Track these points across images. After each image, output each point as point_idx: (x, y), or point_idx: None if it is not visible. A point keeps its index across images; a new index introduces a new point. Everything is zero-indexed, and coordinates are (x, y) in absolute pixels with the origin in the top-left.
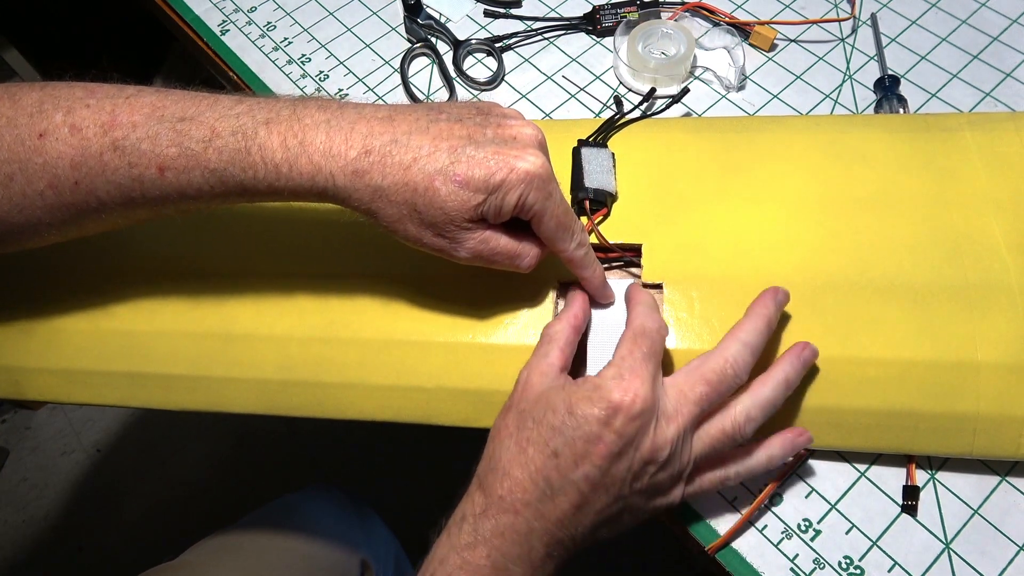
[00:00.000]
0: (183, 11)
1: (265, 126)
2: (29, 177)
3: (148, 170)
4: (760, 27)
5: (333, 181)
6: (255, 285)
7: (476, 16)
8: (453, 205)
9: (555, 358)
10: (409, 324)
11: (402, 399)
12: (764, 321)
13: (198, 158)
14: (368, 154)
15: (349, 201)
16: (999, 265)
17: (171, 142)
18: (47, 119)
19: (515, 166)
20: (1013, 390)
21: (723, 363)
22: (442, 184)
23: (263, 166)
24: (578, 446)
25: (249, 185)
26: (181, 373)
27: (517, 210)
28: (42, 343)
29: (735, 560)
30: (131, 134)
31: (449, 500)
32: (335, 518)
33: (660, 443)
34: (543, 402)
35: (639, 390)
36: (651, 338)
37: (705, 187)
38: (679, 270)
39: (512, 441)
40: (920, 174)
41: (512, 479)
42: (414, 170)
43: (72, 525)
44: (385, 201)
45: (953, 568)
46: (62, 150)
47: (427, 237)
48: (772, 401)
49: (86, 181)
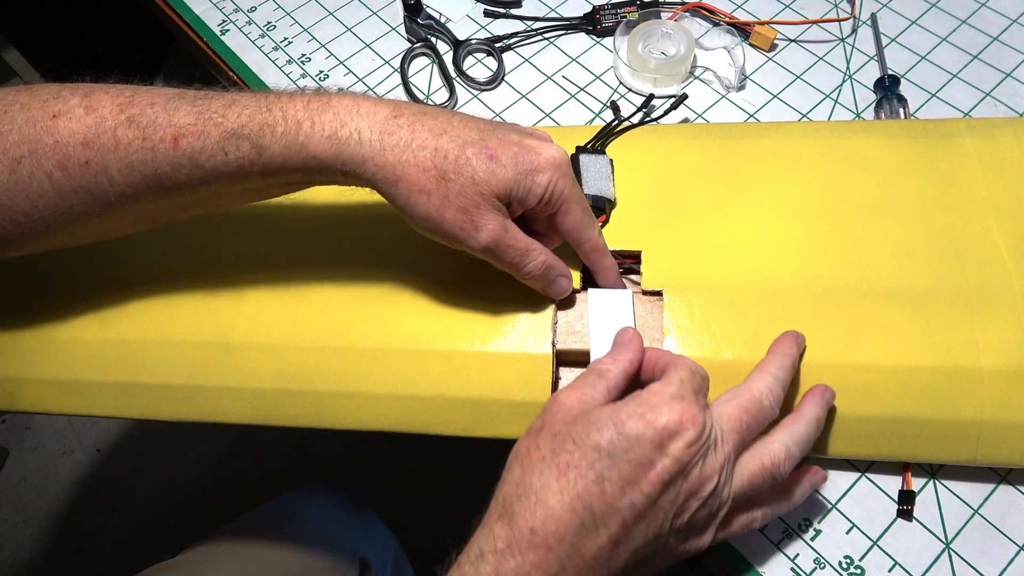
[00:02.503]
0: (183, 11)
1: (290, 97)
2: (39, 158)
3: (163, 142)
4: (760, 27)
5: (359, 136)
6: (251, 294)
7: (476, 16)
8: (483, 176)
9: (600, 394)
10: (407, 332)
11: (400, 408)
12: (790, 360)
13: (216, 122)
14: (397, 117)
15: (370, 163)
16: (1000, 270)
17: (188, 112)
18: (63, 102)
19: (544, 151)
20: (1016, 397)
21: (758, 393)
22: (474, 155)
23: (283, 123)
24: (627, 470)
25: (263, 144)
26: (176, 383)
27: (545, 195)
28: (34, 353)
29: (735, 559)
30: (147, 110)
31: (447, 499)
32: (334, 517)
33: (708, 473)
34: (584, 421)
35: (697, 415)
36: (705, 380)
37: (704, 193)
38: (679, 277)
39: (547, 465)
40: (920, 179)
41: (547, 508)
42: (445, 137)
43: (72, 525)
44: (412, 166)
45: (953, 568)
46: (75, 128)
47: (448, 213)
48: (808, 439)
49: (97, 159)
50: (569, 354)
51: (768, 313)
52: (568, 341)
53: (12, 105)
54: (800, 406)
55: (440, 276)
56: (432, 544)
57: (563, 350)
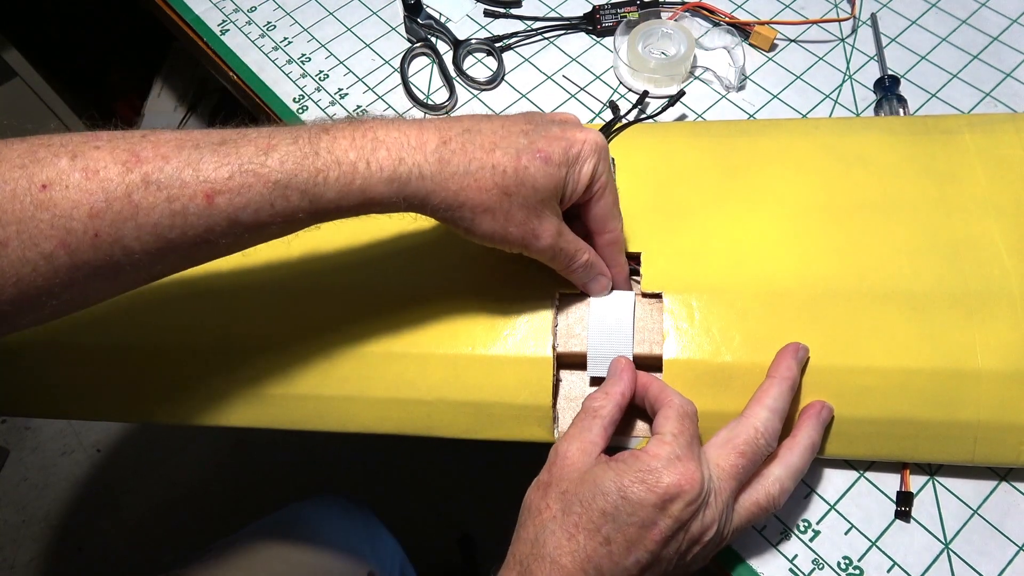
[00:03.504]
0: (183, 11)
1: (326, 132)
2: (32, 238)
3: (193, 200)
4: (760, 27)
5: (419, 171)
6: (253, 298)
7: (476, 16)
8: (543, 182)
9: (598, 435)
10: (409, 336)
11: (402, 412)
12: (788, 384)
13: (256, 173)
14: (447, 143)
15: (434, 195)
16: (999, 271)
17: (219, 164)
18: (48, 167)
19: (585, 137)
20: (1014, 397)
21: (754, 433)
22: (529, 162)
23: (336, 167)
24: (632, 532)
25: (318, 193)
26: (180, 387)
27: (589, 183)
28: (38, 359)
29: (734, 560)
30: (164, 166)
31: (452, 506)
32: (342, 529)
33: (708, 523)
34: (589, 483)
35: (695, 474)
36: (694, 421)
37: (704, 193)
38: (678, 278)
39: (557, 525)
40: (920, 178)
41: (561, 568)
42: (498, 152)
43: (72, 525)
44: (474, 189)
45: (952, 568)
46: (76, 198)
47: (512, 227)
48: (803, 468)
49: (110, 231)
50: (569, 357)
51: (767, 315)
52: (568, 344)
53: None
54: (796, 432)
55: (441, 281)
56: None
57: (563, 353)
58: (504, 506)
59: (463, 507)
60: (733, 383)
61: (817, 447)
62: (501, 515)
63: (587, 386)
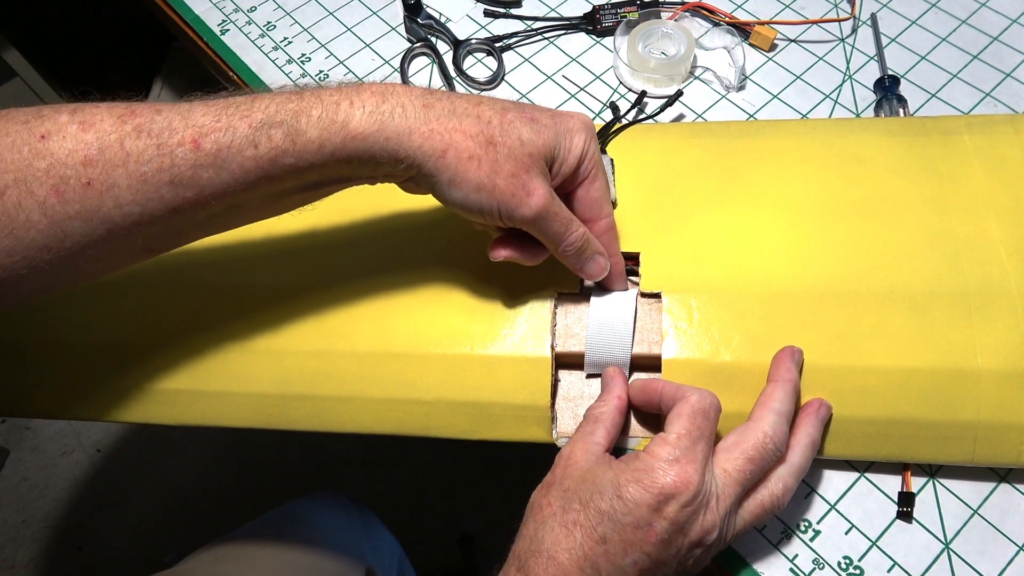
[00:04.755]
0: (183, 11)
1: (313, 87)
2: (28, 185)
3: (182, 145)
4: (760, 27)
5: (402, 110)
6: (251, 298)
7: (476, 16)
8: (530, 137)
9: (601, 437)
10: (407, 337)
11: (401, 412)
12: (791, 387)
13: (240, 114)
14: (433, 93)
15: (416, 134)
16: (999, 271)
17: (207, 111)
18: (48, 121)
19: (575, 115)
20: (1014, 397)
21: (763, 438)
22: (516, 117)
23: (318, 104)
24: (628, 532)
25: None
26: (177, 388)
27: (582, 155)
28: (37, 358)
29: (734, 559)
30: (156, 117)
31: (452, 506)
32: (340, 526)
33: (708, 527)
34: (589, 482)
35: (692, 476)
36: (710, 418)
37: (703, 194)
38: (678, 279)
39: (556, 522)
40: (919, 178)
41: (557, 564)
42: (484, 106)
43: (72, 525)
44: (459, 132)
45: (953, 568)
46: (71, 147)
47: (500, 180)
48: (804, 467)
49: (101, 178)
50: (568, 357)
51: (767, 315)
52: (567, 344)
53: None
54: (795, 430)
55: (439, 280)
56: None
57: (562, 352)
58: (504, 506)
59: (463, 507)
60: (732, 383)
61: (817, 444)
62: (501, 515)
63: (585, 386)
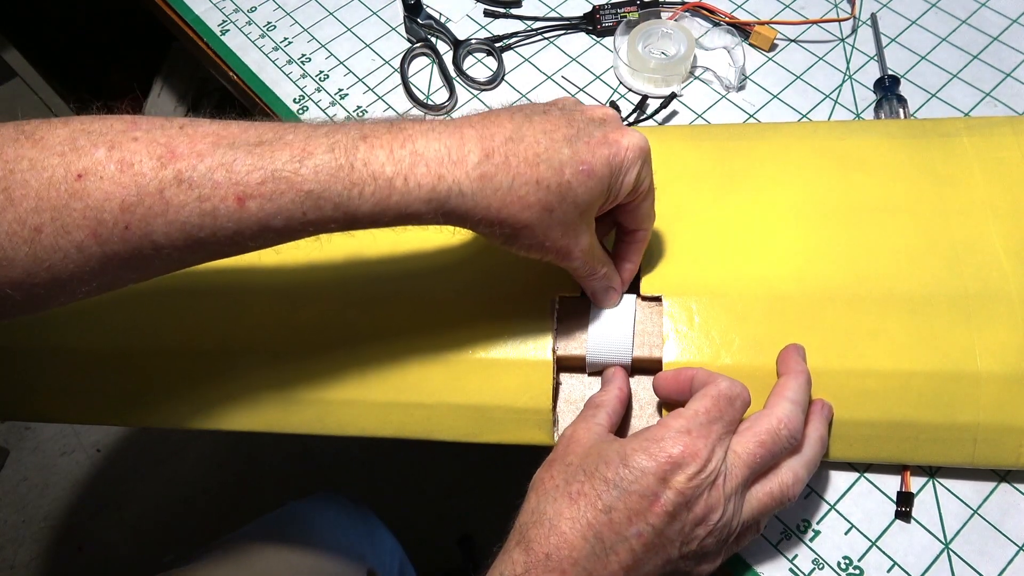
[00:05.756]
0: (183, 11)
1: (364, 140)
2: (65, 227)
3: (224, 202)
4: (760, 27)
5: (459, 189)
6: (251, 302)
7: (476, 16)
8: (586, 197)
9: (603, 420)
10: (409, 340)
11: (403, 415)
12: (805, 378)
13: (290, 181)
14: (490, 156)
15: (474, 212)
16: (998, 273)
17: (253, 167)
18: (85, 156)
19: (629, 143)
20: (1013, 400)
21: (777, 423)
22: (572, 176)
23: (371, 181)
24: (633, 501)
25: (352, 207)
26: (179, 392)
27: (632, 191)
28: (38, 363)
29: (733, 560)
30: (198, 164)
31: (452, 506)
32: (341, 527)
33: (713, 503)
34: (594, 454)
35: (700, 449)
36: (734, 406)
37: (703, 197)
38: (678, 282)
39: (560, 493)
40: (918, 181)
41: (559, 534)
42: (542, 167)
43: (72, 525)
44: (516, 206)
45: (952, 568)
46: (109, 190)
47: (553, 239)
48: (816, 460)
49: (140, 225)
50: (569, 360)
51: (767, 319)
52: (568, 347)
53: (18, 162)
54: (805, 427)
55: (441, 284)
56: (432, 547)
57: (563, 356)
58: (504, 506)
59: (463, 507)
60: None
61: (826, 441)
62: (501, 515)
63: (587, 388)
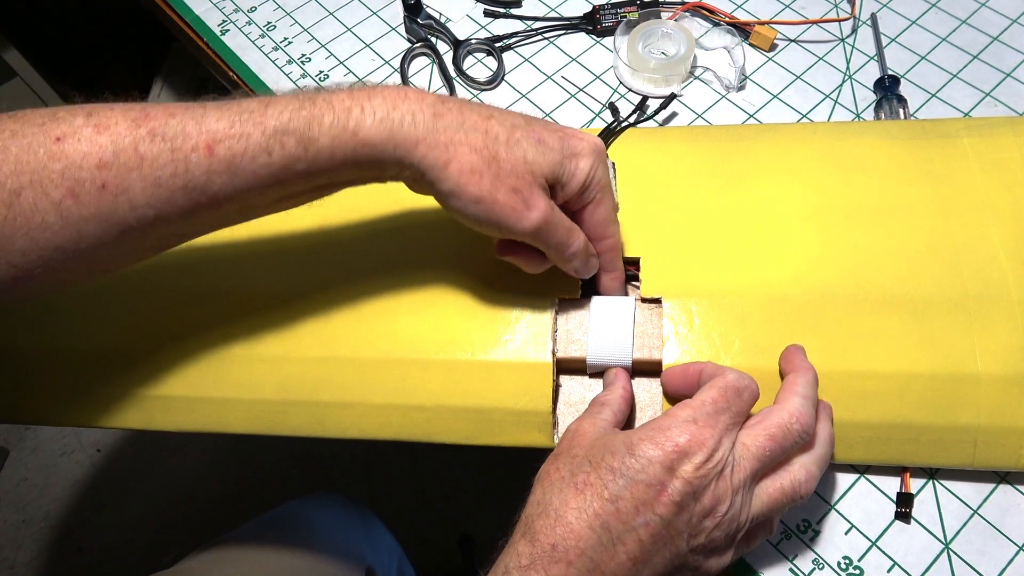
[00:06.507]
0: (183, 11)
1: (328, 90)
2: (44, 187)
3: (195, 152)
4: (760, 27)
5: (412, 117)
6: (252, 304)
7: (476, 16)
8: (533, 156)
9: (609, 416)
10: (408, 343)
11: (402, 417)
12: (813, 374)
13: (255, 122)
14: (445, 102)
15: (423, 144)
16: (998, 275)
17: (221, 116)
18: (65, 124)
19: (585, 138)
20: (1014, 401)
21: (788, 417)
22: (523, 136)
23: (330, 111)
24: (639, 491)
25: (312, 138)
26: (179, 394)
27: (586, 180)
28: (36, 364)
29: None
30: (169, 120)
31: (452, 506)
32: (340, 526)
33: (721, 494)
34: (600, 445)
35: (707, 438)
36: (742, 398)
37: (703, 198)
38: (678, 284)
39: (565, 484)
40: (918, 182)
41: (566, 525)
42: (494, 121)
43: (72, 525)
44: (464, 146)
45: (952, 568)
46: (87, 150)
47: (500, 195)
48: (825, 457)
49: (116, 181)
50: (569, 362)
51: (767, 320)
52: (568, 349)
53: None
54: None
55: (441, 286)
56: (432, 546)
57: (563, 358)
58: (504, 506)
59: (463, 507)
60: None
61: (833, 439)
62: (501, 516)
63: (587, 391)
